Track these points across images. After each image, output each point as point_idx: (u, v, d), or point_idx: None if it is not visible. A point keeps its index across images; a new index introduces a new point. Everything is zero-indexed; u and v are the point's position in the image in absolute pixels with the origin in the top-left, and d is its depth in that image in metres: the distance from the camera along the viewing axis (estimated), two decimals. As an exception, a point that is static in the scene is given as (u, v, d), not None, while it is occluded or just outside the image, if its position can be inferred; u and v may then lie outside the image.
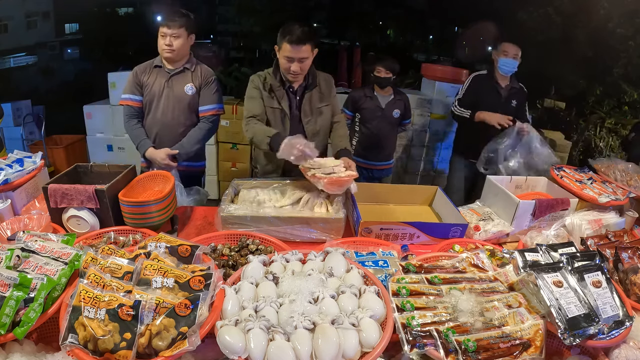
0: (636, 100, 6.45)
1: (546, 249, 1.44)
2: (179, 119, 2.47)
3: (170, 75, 2.43)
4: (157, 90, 2.44)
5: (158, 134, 2.48)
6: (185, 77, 2.45)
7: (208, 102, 2.49)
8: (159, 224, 1.77)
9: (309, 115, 2.29)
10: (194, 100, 2.48)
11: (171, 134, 2.47)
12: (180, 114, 2.46)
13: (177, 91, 2.44)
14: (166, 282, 1.17)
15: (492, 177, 2.12)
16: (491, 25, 4.32)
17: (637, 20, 5.69)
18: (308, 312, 1.13)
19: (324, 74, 2.37)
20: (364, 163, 3.32)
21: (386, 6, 9.23)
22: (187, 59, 2.47)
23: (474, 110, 3.02)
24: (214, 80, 2.52)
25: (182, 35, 2.35)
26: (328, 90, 2.33)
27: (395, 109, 3.30)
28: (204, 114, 2.49)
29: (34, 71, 9.40)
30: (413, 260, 1.46)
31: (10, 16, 9.57)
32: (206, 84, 2.48)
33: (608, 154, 5.79)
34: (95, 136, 4.69)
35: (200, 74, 2.48)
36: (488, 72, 3.11)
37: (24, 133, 4.75)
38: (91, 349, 1.02)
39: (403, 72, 5.51)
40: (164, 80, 2.43)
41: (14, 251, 1.26)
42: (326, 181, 1.83)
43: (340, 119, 2.39)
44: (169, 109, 2.45)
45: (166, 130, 2.47)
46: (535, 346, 1.14)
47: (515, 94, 3.08)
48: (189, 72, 2.46)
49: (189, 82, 2.45)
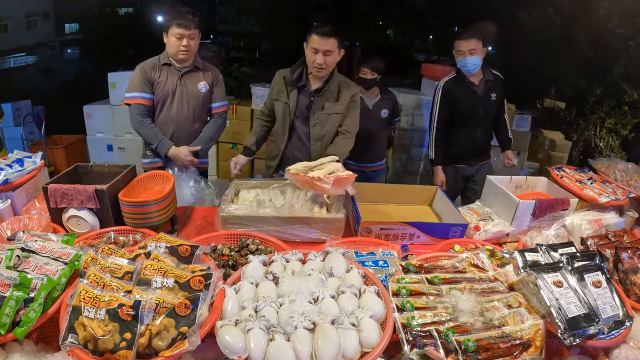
0: (636, 100, 6.46)
1: (546, 249, 1.44)
2: (193, 116, 2.52)
3: (182, 73, 2.46)
4: (170, 88, 2.45)
5: (175, 131, 2.50)
6: (197, 75, 2.50)
7: (219, 98, 2.58)
8: (159, 224, 1.77)
9: (317, 119, 2.30)
10: (206, 97, 2.54)
11: (187, 131, 2.52)
12: (195, 110, 2.52)
13: (191, 89, 2.48)
14: (166, 282, 1.17)
15: (492, 177, 2.12)
16: (485, 25, 4.31)
17: (637, 20, 5.69)
18: (308, 312, 1.13)
19: (353, 86, 2.38)
20: (355, 165, 3.20)
21: (386, 6, 9.23)
22: (194, 57, 2.51)
23: (453, 118, 2.89)
24: (222, 78, 2.61)
25: (197, 36, 2.40)
26: (346, 101, 2.33)
27: (384, 109, 3.23)
28: (217, 111, 2.59)
29: (34, 71, 9.40)
30: (413, 260, 1.46)
31: (10, 16, 9.56)
32: (217, 81, 2.56)
33: (608, 154, 5.79)
34: (95, 136, 4.69)
35: (211, 72, 2.55)
36: (457, 74, 2.89)
37: (24, 133, 4.75)
38: (91, 349, 1.02)
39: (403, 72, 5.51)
40: (175, 78, 2.46)
41: (14, 251, 1.26)
42: (337, 182, 1.80)
43: (345, 132, 2.35)
44: (183, 107, 2.48)
45: (182, 127, 2.51)
46: (535, 346, 1.14)
47: (492, 86, 2.88)
48: (200, 70, 2.51)
49: (202, 80, 2.51)
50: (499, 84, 2.92)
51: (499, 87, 2.91)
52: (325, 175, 1.83)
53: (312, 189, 1.86)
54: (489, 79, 2.86)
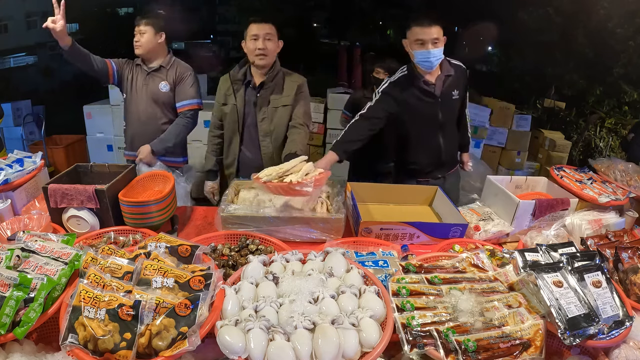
0: (636, 100, 6.46)
1: (546, 249, 1.44)
2: (157, 115, 2.62)
3: (148, 73, 2.59)
4: (136, 87, 2.61)
5: (140, 130, 2.64)
6: (160, 75, 2.59)
7: (183, 97, 2.61)
8: (159, 224, 1.77)
9: (264, 114, 2.31)
10: (169, 96, 2.61)
11: (154, 130, 2.60)
12: (158, 110, 2.61)
13: (153, 88, 2.58)
14: (166, 282, 1.17)
15: (492, 177, 2.12)
16: (489, 24, 4.27)
17: (637, 20, 5.69)
18: (308, 312, 1.13)
19: (297, 76, 2.39)
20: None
21: (386, 6, 9.23)
22: (164, 57, 2.60)
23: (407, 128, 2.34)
24: (189, 77, 2.61)
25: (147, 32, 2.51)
26: (292, 92, 2.33)
27: None
28: (181, 110, 2.61)
29: (34, 71, 9.40)
30: (413, 260, 1.46)
31: (10, 16, 9.57)
32: (180, 80, 2.60)
33: (608, 154, 5.79)
34: (95, 136, 4.69)
35: (175, 71, 2.60)
36: (408, 71, 2.27)
37: (24, 133, 4.75)
38: (91, 349, 1.02)
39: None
40: (142, 77, 2.60)
41: (14, 251, 1.26)
42: (315, 182, 1.69)
43: (298, 125, 2.31)
44: (147, 106, 2.61)
45: (147, 126, 2.63)
46: (535, 346, 1.14)
47: (454, 81, 2.28)
48: (165, 69, 2.59)
49: (163, 80, 2.59)
50: (461, 77, 2.33)
51: (462, 81, 2.34)
52: (302, 177, 1.70)
53: (288, 194, 1.72)
54: (449, 74, 2.26)
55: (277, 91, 2.32)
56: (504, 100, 5.08)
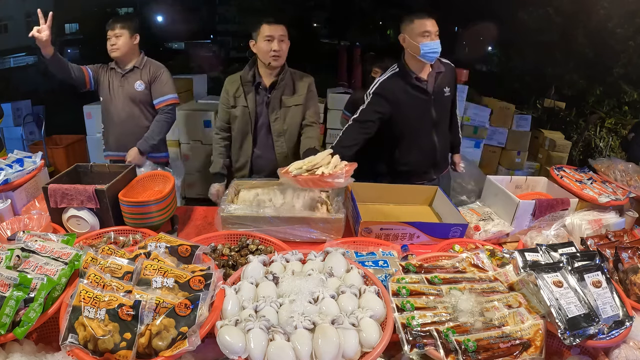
0: (636, 100, 6.46)
1: (546, 249, 1.44)
2: (137, 115, 2.69)
3: (122, 74, 2.64)
4: (112, 90, 2.68)
5: (121, 131, 2.70)
6: (135, 75, 2.66)
7: (160, 94, 2.68)
8: (159, 224, 1.77)
9: (277, 114, 2.31)
10: (146, 95, 2.67)
11: (136, 131, 2.66)
12: (137, 110, 2.68)
13: (129, 89, 2.64)
14: (166, 282, 1.17)
15: (492, 177, 2.12)
16: (489, 24, 4.28)
17: (637, 20, 5.70)
18: (308, 312, 1.13)
19: (305, 76, 2.40)
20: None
21: (386, 6, 9.23)
22: (137, 58, 2.66)
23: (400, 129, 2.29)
24: (163, 73, 2.69)
25: (123, 35, 2.57)
26: (303, 91, 2.34)
27: None
28: (159, 106, 2.69)
29: (34, 71, 9.38)
30: (413, 260, 1.46)
31: (10, 16, 9.57)
32: (154, 78, 2.66)
33: (608, 154, 5.79)
34: (95, 136, 4.68)
35: (149, 70, 2.67)
36: (400, 69, 2.24)
37: (24, 133, 4.75)
38: (91, 349, 1.03)
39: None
40: (117, 80, 2.66)
41: (14, 251, 1.26)
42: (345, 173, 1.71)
43: (311, 123, 2.37)
44: (125, 107, 2.67)
45: (128, 127, 2.70)
46: (535, 346, 1.14)
47: (444, 78, 2.28)
48: (139, 69, 2.65)
49: (138, 79, 2.65)
50: (451, 74, 2.34)
51: (452, 78, 2.35)
52: (333, 170, 1.76)
53: (318, 186, 1.77)
54: (440, 71, 2.26)
55: (288, 91, 2.32)
56: (504, 100, 5.08)
